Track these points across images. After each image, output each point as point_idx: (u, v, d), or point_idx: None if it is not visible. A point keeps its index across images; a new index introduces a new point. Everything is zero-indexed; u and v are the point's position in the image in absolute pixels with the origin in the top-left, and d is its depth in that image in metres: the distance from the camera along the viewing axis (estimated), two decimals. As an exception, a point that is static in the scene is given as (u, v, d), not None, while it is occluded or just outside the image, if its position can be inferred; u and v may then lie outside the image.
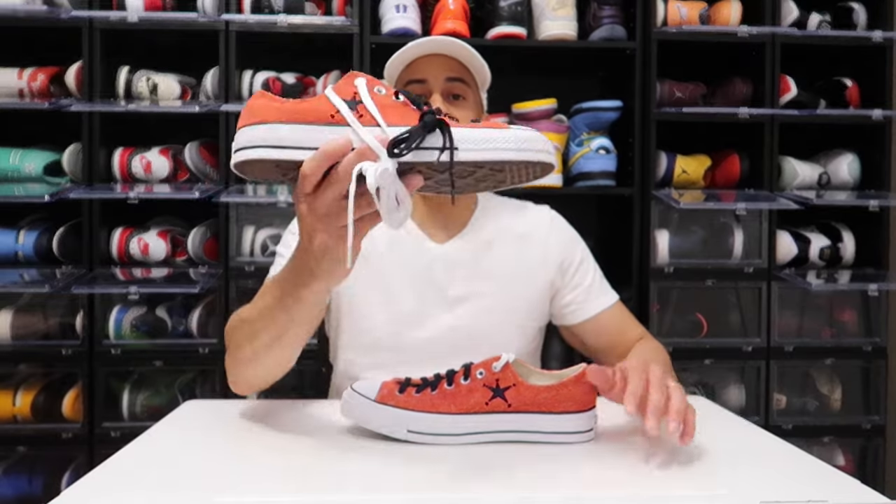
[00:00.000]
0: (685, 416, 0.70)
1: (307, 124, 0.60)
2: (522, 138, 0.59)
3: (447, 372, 0.77)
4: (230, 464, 0.69)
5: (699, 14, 1.75)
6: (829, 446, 1.78)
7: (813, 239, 1.77)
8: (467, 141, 0.58)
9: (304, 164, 0.59)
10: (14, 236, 1.66)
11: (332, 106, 0.61)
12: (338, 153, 0.58)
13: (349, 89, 0.62)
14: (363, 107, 0.60)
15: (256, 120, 0.62)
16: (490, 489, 0.63)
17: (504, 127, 0.60)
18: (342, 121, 0.60)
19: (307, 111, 0.61)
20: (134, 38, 1.71)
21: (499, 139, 0.58)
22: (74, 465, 1.65)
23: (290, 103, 0.62)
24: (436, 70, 1.04)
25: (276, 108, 0.62)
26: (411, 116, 0.60)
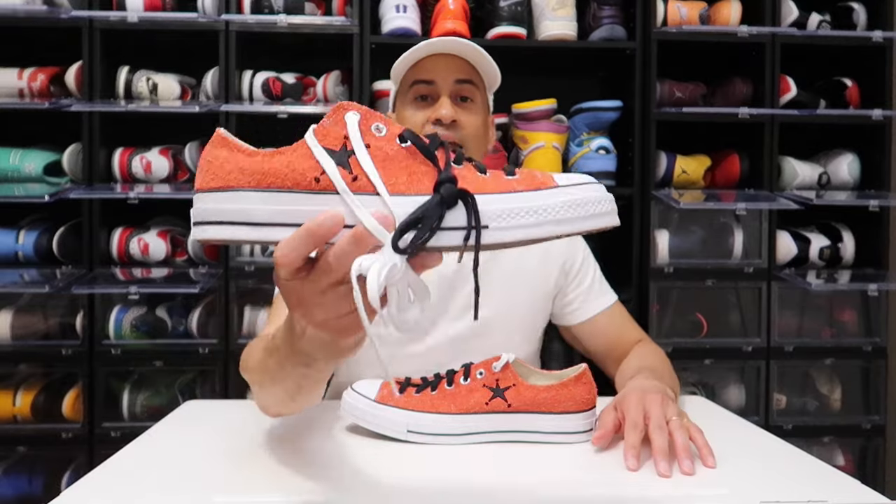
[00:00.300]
0: (696, 441, 0.70)
1: (284, 191, 0.45)
2: (577, 203, 0.44)
3: (447, 372, 0.77)
4: (230, 464, 0.69)
5: (699, 14, 1.75)
6: (829, 446, 1.78)
7: (813, 239, 1.77)
8: (501, 216, 0.44)
9: (279, 248, 0.45)
10: (14, 236, 1.66)
11: (315, 162, 0.45)
12: (325, 236, 0.44)
13: (337, 132, 0.46)
14: (356, 162, 0.45)
15: (218, 184, 0.46)
16: (490, 489, 0.63)
17: (549, 184, 0.45)
18: (330, 186, 0.45)
19: (283, 172, 0.45)
20: (134, 38, 1.71)
21: (544, 210, 0.44)
22: (74, 465, 1.65)
23: (259, 158, 0.47)
24: (444, 71, 1.02)
25: (241, 166, 0.46)
26: (422, 175, 0.46)
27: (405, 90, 1.05)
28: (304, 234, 0.44)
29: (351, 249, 0.43)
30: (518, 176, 0.46)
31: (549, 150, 1.68)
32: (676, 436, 0.69)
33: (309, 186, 0.45)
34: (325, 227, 0.44)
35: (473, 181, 0.45)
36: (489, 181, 0.45)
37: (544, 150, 1.68)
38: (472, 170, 0.46)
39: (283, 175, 0.45)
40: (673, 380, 0.97)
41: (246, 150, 0.47)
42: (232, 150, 0.47)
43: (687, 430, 0.71)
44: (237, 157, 0.47)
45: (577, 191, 0.45)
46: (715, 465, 0.67)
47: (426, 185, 0.45)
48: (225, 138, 0.48)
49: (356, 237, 0.43)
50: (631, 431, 0.71)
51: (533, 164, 1.68)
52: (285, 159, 0.46)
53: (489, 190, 0.45)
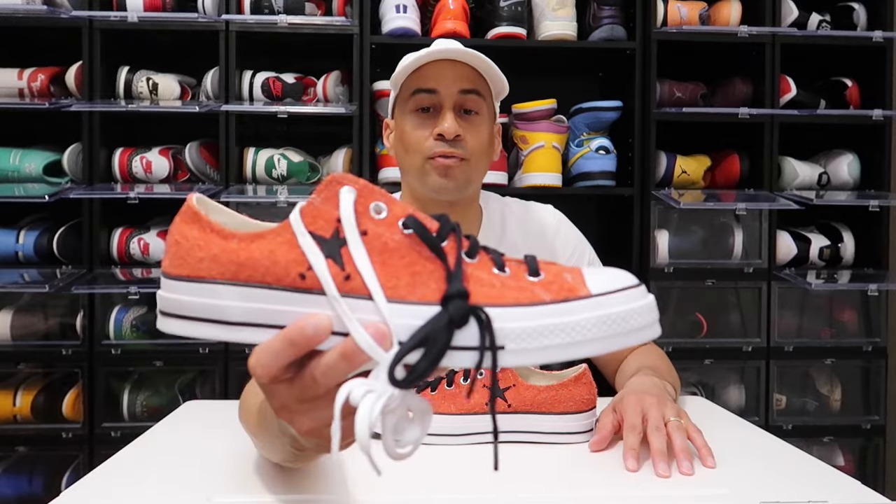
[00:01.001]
0: (694, 442, 0.70)
1: (264, 287, 0.38)
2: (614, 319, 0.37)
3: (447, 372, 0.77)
4: (230, 464, 0.69)
5: (699, 14, 1.75)
6: (829, 446, 1.78)
7: (813, 239, 1.77)
8: (521, 337, 0.37)
9: (254, 356, 0.39)
10: (14, 236, 1.66)
11: (302, 255, 0.38)
12: (308, 345, 0.38)
13: (328, 214, 0.39)
14: (349, 255, 0.38)
15: (187, 272, 0.40)
16: (490, 489, 0.63)
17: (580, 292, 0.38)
18: (317, 285, 0.38)
19: (263, 265, 0.38)
20: (134, 38, 1.71)
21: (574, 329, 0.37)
22: (74, 465, 1.65)
23: (235, 244, 0.39)
24: (449, 80, 0.95)
25: (214, 254, 0.39)
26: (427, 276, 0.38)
27: (405, 98, 0.98)
28: (283, 341, 0.37)
29: (340, 366, 0.37)
30: (543, 277, 0.39)
31: (549, 150, 1.68)
32: (674, 437, 0.69)
33: (293, 284, 0.38)
34: (306, 335, 0.37)
35: (490, 286, 0.38)
36: (508, 285, 0.38)
37: (544, 150, 1.68)
38: (487, 266, 0.39)
39: (264, 268, 0.38)
40: (673, 377, 0.97)
41: (221, 230, 0.40)
42: (204, 229, 0.40)
43: (685, 431, 0.70)
44: (210, 239, 0.40)
45: (615, 301, 0.37)
46: (714, 465, 0.67)
47: (431, 290, 0.38)
48: (196, 213, 0.40)
49: (346, 353, 0.37)
50: (629, 433, 0.71)
51: (533, 164, 1.68)
52: (267, 247, 0.39)
53: (508, 300, 0.37)
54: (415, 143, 0.97)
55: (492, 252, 0.41)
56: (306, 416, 0.41)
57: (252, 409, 0.60)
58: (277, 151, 1.72)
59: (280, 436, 0.50)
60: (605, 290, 0.38)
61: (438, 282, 0.38)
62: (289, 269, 0.38)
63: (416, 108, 0.98)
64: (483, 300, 0.37)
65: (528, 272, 0.39)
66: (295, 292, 0.38)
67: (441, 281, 0.38)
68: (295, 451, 0.50)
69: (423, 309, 0.37)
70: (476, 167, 0.99)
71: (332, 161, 1.74)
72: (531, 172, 1.68)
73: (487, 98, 1.00)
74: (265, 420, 0.54)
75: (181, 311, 0.40)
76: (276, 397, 0.41)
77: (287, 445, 0.50)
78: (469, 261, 0.40)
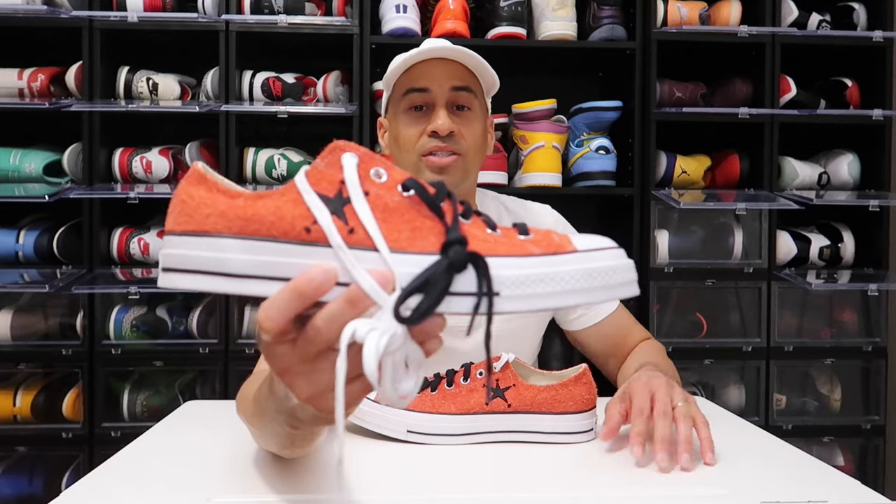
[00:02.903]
0: (699, 433, 0.69)
1: (269, 240, 0.40)
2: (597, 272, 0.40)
3: (447, 372, 0.77)
4: (230, 464, 0.69)
5: (699, 14, 1.75)
6: (829, 446, 1.78)
7: (813, 239, 1.77)
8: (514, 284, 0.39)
9: (263, 308, 0.39)
10: (14, 236, 1.66)
11: (307, 210, 0.40)
12: (315, 294, 0.38)
13: (332, 176, 0.41)
14: (353, 211, 0.40)
15: (192, 227, 0.41)
16: (490, 489, 0.63)
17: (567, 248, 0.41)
18: (322, 237, 0.39)
19: (269, 220, 0.40)
20: (134, 38, 1.71)
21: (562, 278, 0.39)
22: (74, 465, 1.65)
23: (242, 201, 0.41)
24: (440, 77, 0.96)
25: (221, 210, 0.41)
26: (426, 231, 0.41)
27: (398, 98, 1.00)
28: (291, 292, 0.38)
29: (344, 312, 0.38)
30: (533, 236, 0.42)
31: (549, 150, 1.68)
32: (680, 425, 0.68)
33: (298, 237, 0.40)
34: (315, 283, 0.38)
35: (484, 241, 0.41)
36: (501, 241, 0.41)
37: (544, 150, 1.68)
38: (481, 226, 0.42)
39: (269, 223, 0.40)
40: (674, 374, 0.97)
41: (227, 190, 0.42)
42: (211, 189, 0.42)
43: (692, 420, 0.70)
44: (217, 198, 0.41)
45: (598, 258, 0.41)
46: (713, 461, 0.67)
47: (431, 242, 0.40)
48: (203, 175, 0.42)
49: (351, 298, 0.38)
50: (637, 418, 0.70)
51: (533, 164, 1.68)
52: (272, 204, 0.40)
53: (501, 252, 0.40)
54: (409, 141, 0.99)
55: (484, 216, 0.44)
56: (306, 380, 0.41)
57: (249, 397, 0.62)
58: (277, 151, 1.72)
59: (276, 416, 0.51)
60: (589, 248, 0.41)
61: (437, 235, 0.40)
62: (294, 223, 0.40)
63: (409, 107, 0.99)
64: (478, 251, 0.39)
65: (518, 233, 0.43)
66: (300, 245, 0.40)
67: (440, 235, 0.40)
68: (291, 431, 0.51)
69: (423, 258, 0.39)
70: (471, 162, 1.01)
71: (332, 161, 1.74)
72: (531, 172, 1.68)
73: (478, 94, 1.01)
74: (261, 405, 0.55)
75: (186, 265, 0.41)
76: (278, 359, 0.41)
77: (283, 426, 0.51)
78: (464, 221, 0.42)
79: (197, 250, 0.41)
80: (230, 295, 0.39)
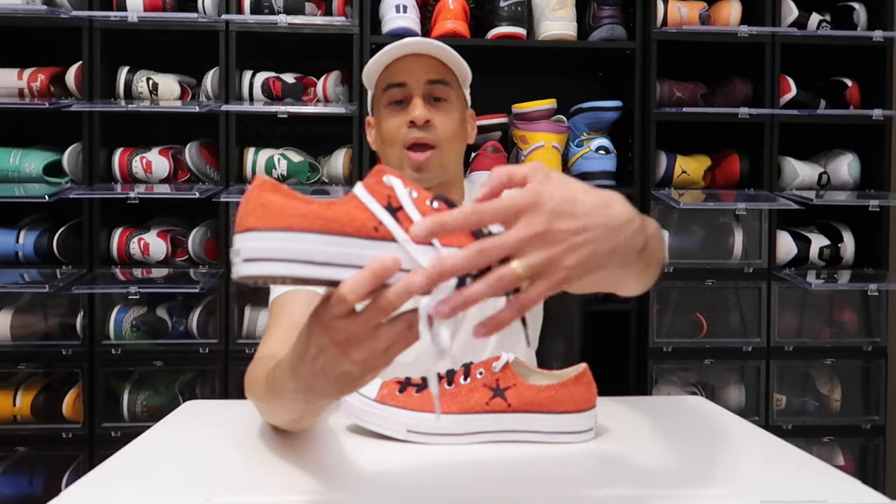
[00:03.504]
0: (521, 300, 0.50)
1: (346, 236, 0.49)
2: None
3: (447, 372, 0.77)
4: (230, 464, 0.69)
5: (699, 14, 1.75)
6: (829, 446, 1.78)
7: (813, 239, 1.77)
8: None
9: (346, 285, 0.47)
10: (14, 236, 1.66)
11: (371, 215, 0.50)
12: (386, 276, 0.48)
13: (381, 191, 0.51)
14: (405, 216, 0.50)
15: (277, 225, 0.49)
16: (490, 489, 0.63)
17: None
18: (387, 235, 0.50)
19: (344, 220, 0.49)
20: (134, 38, 1.71)
21: None
22: (74, 465, 1.65)
23: (316, 206, 0.50)
24: (417, 72, 1.01)
25: (302, 212, 0.49)
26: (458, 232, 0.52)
27: (379, 95, 1.06)
28: (368, 272, 0.47)
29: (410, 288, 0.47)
30: None
31: (549, 151, 1.68)
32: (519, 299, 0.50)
33: (369, 234, 0.49)
34: (387, 266, 0.47)
35: None
36: None
37: (544, 150, 1.68)
38: None
39: (344, 222, 0.49)
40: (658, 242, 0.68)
41: (302, 198, 0.50)
42: (287, 196, 0.50)
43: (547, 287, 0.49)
44: (294, 203, 0.50)
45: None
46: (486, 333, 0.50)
47: (460, 241, 0.50)
48: (276, 185, 0.51)
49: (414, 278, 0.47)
50: None
51: (533, 164, 1.68)
52: (343, 209, 0.50)
53: None
54: (390, 133, 1.03)
55: None
56: (363, 345, 0.50)
57: (260, 380, 0.69)
58: (277, 151, 1.72)
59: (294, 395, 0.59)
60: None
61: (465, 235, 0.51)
62: (365, 223, 0.50)
63: (389, 102, 1.04)
64: None
65: None
66: (371, 240, 0.49)
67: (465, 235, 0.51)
68: (306, 406, 0.61)
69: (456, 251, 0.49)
70: (449, 151, 1.04)
71: (332, 161, 1.74)
72: (531, 172, 1.68)
73: (454, 86, 1.06)
74: (277, 386, 0.62)
75: (272, 255, 0.48)
76: (340, 331, 0.49)
77: (299, 402, 0.60)
78: None
79: (282, 242, 0.48)
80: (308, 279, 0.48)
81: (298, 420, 0.69)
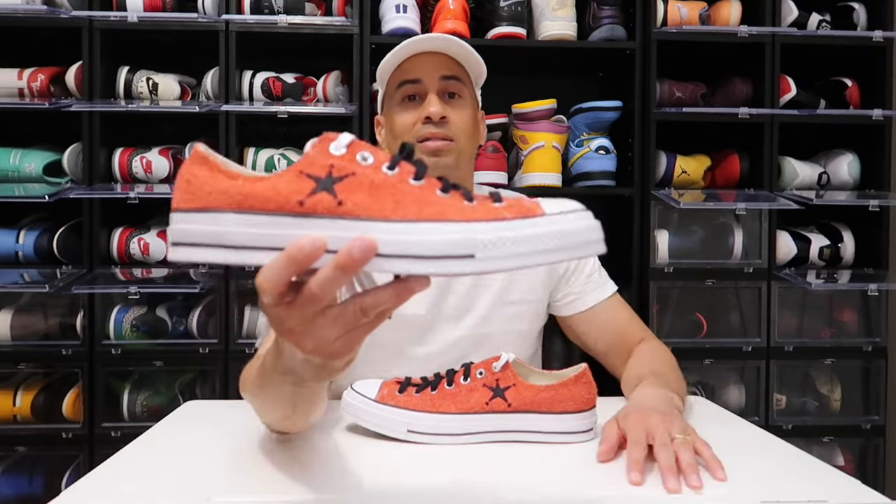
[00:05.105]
0: (702, 455, 0.67)
1: (265, 214, 0.44)
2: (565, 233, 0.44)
3: (447, 372, 0.77)
4: (230, 464, 0.69)
5: (699, 14, 1.75)
6: (829, 446, 1.78)
7: (813, 239, 1.77)
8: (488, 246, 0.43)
9: (261, 274, 0.44)
10: (14, 236, 1.66)
11: (300, 187, 0.45)
12: (306, 261, 0.42)
13: (323, 161, 0.45)
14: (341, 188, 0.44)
15: (196, 204, 0.45)
16: (490, 489, 0.63)
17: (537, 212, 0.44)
18: (313, 209, 0.44)
19: (265, 196, 0.44)
20: (134, 38, 1.71)
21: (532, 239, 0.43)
22: (74, 465, 1.65)
23: (241, 181, 0.45)
24: (431, 68, 1.01)
25: (221, 188, 0.45)
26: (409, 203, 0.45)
27: (392, 92, 1.04)
28: (285, 259, 0.43)
29: (335, 277, 0.42)
30: (505, 203, 0.45)
31: (549, 150, 1.68)
32: (681, 454, 0.66)
33: (292, 209, 0.44)
34: (305, 251, 0.42)
35: (461, 210, 0.44)
36: (477, 209, 0.44)
37: (544, 150, 1.68)
38: (458, 198, 0.45)
39: (265, 198, 0.44)
40: (679, 383, 0.94)
41: (227, 171, 0.46)
42: (212, 169, 0.46)
43: (692, 447, 0.68)
44: (218, 178, 0.45)
45: (565, 220, 0.44)
46: (725, 478, 0.64)
47: (412, 212, 0.44)
48: (205, 157, 0.46)
49: (339, 264, 0.42)
50: (633, 447, 0.68)
51: (533, 164, 1.68)
52: (269, 183, 0.45)
53: (477, 218, 0.43)
54: (403, 129, 1.02)
55: (461, 188, 0.47)
56: (309, 336, 0.46)
57: (251, 373, 0.67)
58: (277, 151, 1.72)
59: (282, 378, 0.56)
60: (557, 211, 0.44)
61: (418, 205, 0.44)
62: (289, 197, 0.44)
63: (402, 98, 1.03)
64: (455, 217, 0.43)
65: (493, 201, 0.46)
66: (294, 217, 0.44)
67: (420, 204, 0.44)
68: (295, 389, 0.58)
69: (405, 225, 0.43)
70: (464, 147, 1.03)
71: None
72: (531, 172, 1.68)
73: (468, 83, 1.05)
74: (265, 374, 0.60)
75: (191, 239, 0.46)
76: (282, 322, 0.46)
77: (287, 385, 0.57)
78: (443, 195, 0.45)
79: (201, 225, 0.45)
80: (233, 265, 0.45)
81: (291, 415, 0.66)
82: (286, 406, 0.64)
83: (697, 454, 0.68)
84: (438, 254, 0.42)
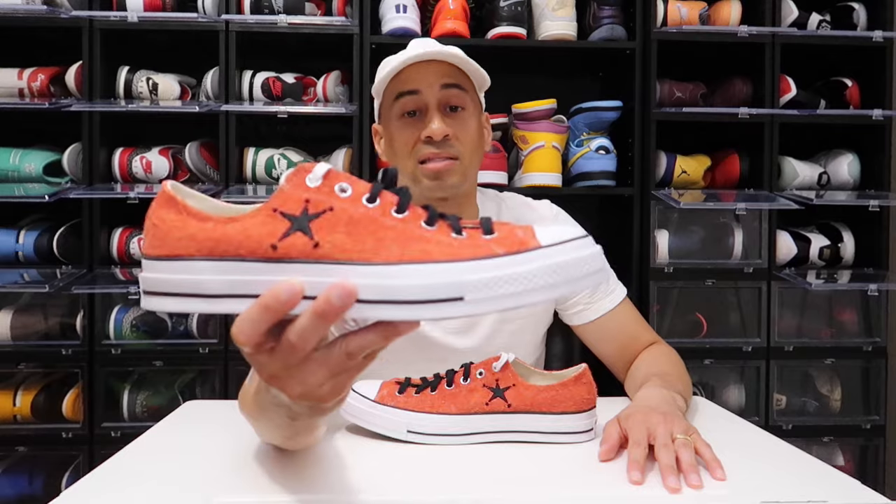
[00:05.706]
0: (703, 456, 0.68)
1: (238, 260, 0.41)
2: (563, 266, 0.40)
3: (447, 372, 0.77)
4: (230, 464, 0.69)
5: (699, 14, 1.75)
6: (829, 446, 1.78)
7: (813, 239, 1.77)
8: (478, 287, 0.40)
9: (235, 325, 0.41)
10: (14, 236, 1.66)
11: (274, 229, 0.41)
12: (283, 309, 0.40)
13: (298, 196, 0.42)
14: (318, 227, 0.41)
15: (165, 251, 0.43)
16: (490, 489, 0.63)
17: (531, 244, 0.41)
18: (288, 254, 0.41)
19: (237, 240, 0.41)
20: (134, 38, 1.71)
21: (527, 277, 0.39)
22: (74, 465, 1.65)
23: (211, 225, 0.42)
24: (430, 77, 0.94)
25: (191, 233, 0.42)
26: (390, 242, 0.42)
27: (389, 103, 0.98)
28: (259, 308, 0.40)
29: (314, 324, 0.40)
30: (497, 234, 0.42)
31: (549, 150, 1.68)
32: (682, 453, 0.66)
33: (265, 255, 0.41)
34: (281, 300, 0.39)
35: (448, 246, 0.41)
36: (465, 244, 0.41)
37: (544, 150, 1.68)
38: (446, 231, 0.42)
39: (237, 243, 0.41)
40: (684, 383, 0.94)
41: (197, 213, 0.43)
42: (180, 212, 0.43)
43: (692, 447, 0.68)
44: (187, 222, 0.43)
45: (563, 252, 0.40)
46: (725, 477, 0.65)
47: (394, 253, 0.41)
48: (173, 198, 0.44)
49: (317, 312, 0.39)
50: (634, 448, 0.68)
51: (533, 164, 1.68)
52: (240, 226, 0.42)
53: (465, 256, 0.40)
54: (404, 147, 0.97)
55: (449, 219, 0.44)
56: (294, 381, 0.43)
57: (249, 395, 0.63)
58: (277, 151, 1.72)
59: (275, 408, 0.53)
60: (554, 242, 0.41)
61: (399, 243, 0.41)
62: (261, 241, 0.41)
63: (401, 113, 0.98)
64: (440, 257, 0.40)
65: (483, 232, 0.43)
66: (267, 262, 0.41)
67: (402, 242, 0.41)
68: (290, 422, 0.54)
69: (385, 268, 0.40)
70: (469, 164, 0.99)
71: (333, 161, 1.74)
72: (531, 172, 1.68)
73: (470, 91, 0.99)
74: (260, 401, 0.57)
75: (164, 288, 0.43)
76: (263, 368, 0.43)
77: (283, 417, 0.53)
78: (429, 228, 0.42)
79: (173, 273, 0.42)
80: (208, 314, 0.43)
81: (291, 437, 0.63)
82: (286, 431, 0.61)
83: (698, 454, 0.68)
84: (424, 298, 0.39)
